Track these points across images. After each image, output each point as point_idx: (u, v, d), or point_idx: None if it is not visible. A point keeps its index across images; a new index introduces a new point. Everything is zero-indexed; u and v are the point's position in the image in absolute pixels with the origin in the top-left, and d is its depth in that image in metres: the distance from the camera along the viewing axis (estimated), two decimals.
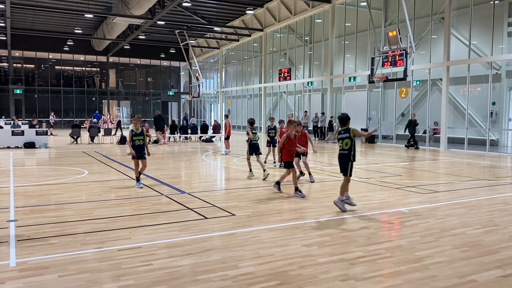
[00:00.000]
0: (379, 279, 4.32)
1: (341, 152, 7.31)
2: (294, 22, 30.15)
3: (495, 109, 19.45)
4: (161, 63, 49.32)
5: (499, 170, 13.19)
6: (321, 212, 7.23)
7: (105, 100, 47.00)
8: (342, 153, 7.32)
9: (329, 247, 5.31)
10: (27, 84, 42.40)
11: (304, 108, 29.36)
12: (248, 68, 37.75)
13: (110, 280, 4.27)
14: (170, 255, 4.98)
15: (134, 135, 9.51)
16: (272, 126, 13.59)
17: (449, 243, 5.51)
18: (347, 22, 25.82)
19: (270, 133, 13.47)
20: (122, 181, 10.68)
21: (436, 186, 9.99)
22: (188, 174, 11.98)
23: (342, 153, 7.31)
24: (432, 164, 14.77)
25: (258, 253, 5.07)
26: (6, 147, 19.88)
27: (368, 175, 11.67)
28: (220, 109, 42.57)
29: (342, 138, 7.23)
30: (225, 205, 7.68)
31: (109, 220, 6.61)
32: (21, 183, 10.23)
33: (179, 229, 6.09)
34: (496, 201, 8.27)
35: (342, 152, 7.30)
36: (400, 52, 18.06)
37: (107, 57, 45.81)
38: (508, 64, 19.49)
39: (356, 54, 25.27)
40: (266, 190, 9.29)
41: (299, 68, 31.10)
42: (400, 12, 21.29)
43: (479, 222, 6.60)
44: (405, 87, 22.04)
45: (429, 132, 21.47)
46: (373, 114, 24.94)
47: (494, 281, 4.28)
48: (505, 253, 5.11)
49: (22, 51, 42.34)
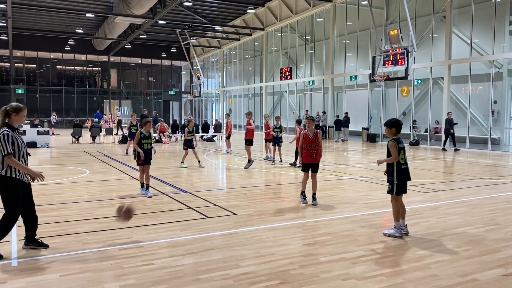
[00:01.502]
0: (380, 278, 4.31)
1: (405, 166, 5.79)
2: (295, 21, 30.12)
3: (497, 107, 19.41)
4: (162, 62, 49.33)
5: (501, 168, 13.16)
6: (322, 212, 7.23)
7: (107, 99, 47.03)
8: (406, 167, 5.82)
9: (330, 246, 5.30)
10: (29, 84, 42.45)
11: (305, 107, 29.34)
12: (249, 67, 37.74)
13: (112, 279, 4.28)
14: (171, 255, 4.99)
15: (143, 137, 8.73)
16: (277, 125, 13.66)
17: (451, 242, 5.51)
18: (348, 21, 25.79)
19: (276, 131, 13.59)
20: (123, 180, 10.69)
21: (438, 185, 9.97)
22: (189, 173, 11.98)
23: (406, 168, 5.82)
24: (433, 163, 14.74)
25: (259, 253, 5.07)
26: None
27: (370, 174, 11.66)
28: (221, 109, 42.58)
29: (403, 148, 5.78)
30: (226, 205, 7.69)
31: (110, 219, 6.61)
32: None
33: (181, 229, 6.09)
34: (498, 200, 8.26)
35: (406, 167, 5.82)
36: (402, 51, 18.04)
37: (108, 57, 45.84)
38: (510, 62, 19.45)
39: (357, 53, 25.24)
40: (267, 189, 9.29)
41: (300, 67, 31.09)
42: (401, 11, 21.26)
43: (480, 221, 6.59)
44: (407, 86, 22.01)
45: (430, 131, 21.44)
46: (374, 113, 24.91)
47: (496, 280, 4.27)
48: (507, 252, 5.10)
49: (23, 51, 42.39)
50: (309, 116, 8.10)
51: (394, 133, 5.78)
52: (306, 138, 7.77)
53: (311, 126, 7.85)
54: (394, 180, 5.68)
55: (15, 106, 4.95)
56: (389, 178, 5.74)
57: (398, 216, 5.74)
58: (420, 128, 22.99)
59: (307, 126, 7.92)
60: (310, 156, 7.72)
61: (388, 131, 5.83)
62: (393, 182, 5.69)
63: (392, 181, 5.69)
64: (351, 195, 8.68)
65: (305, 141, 7.78)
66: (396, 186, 5.67)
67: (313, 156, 7.71)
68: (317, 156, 7.76)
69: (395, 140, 5.69)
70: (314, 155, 7.72)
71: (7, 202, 4.90)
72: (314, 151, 7.71)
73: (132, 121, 16.90)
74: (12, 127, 4.91)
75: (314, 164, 7.80)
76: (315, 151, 7.72)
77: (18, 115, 4.94)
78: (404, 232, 5.73)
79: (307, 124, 7.95)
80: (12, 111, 4.91)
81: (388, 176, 5.75)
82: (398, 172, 5.67)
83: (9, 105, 4.96)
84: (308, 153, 7.74)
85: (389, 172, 5.74)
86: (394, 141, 5.67)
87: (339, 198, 8.38)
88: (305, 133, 7.79)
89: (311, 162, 7.77)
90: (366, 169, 12.64)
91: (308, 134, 7.77)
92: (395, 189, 5.68)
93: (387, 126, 5.82)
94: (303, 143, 7.78)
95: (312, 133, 7.77)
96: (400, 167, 5.67)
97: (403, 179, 5.70)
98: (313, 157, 7.72)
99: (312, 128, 7.84)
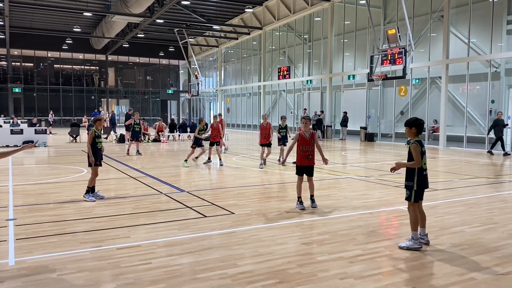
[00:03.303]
0: (378, 277, 4.32)
1: (426, 173, 5.37)
2: (293, 21, 30.12)
3: (494, 107, 19.45)
4: (160, 61, 49.26)
5: (498, 168, 13.19)
6: (320, 211, 7.23)
7: (104, 98, 46.94)
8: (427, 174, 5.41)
9: (328, 246, 5.31)
10: (26, 82, 42.33)
11: (303, 107, 29.36)
12: (247, 66, 37.72)
13: (109, 278, 4.27)
14: (169, 254, 4.98)
15: (97, 136, 8.13)
16: (283, 125, 13.60)
17: (448, 241, 5.52)
18: (346, 20, 25.80)
19: (281, 132, 13.51)
20: (121, 179, 10.67)
21: (435, 184, 9.99)
22: (187, 173, 11.97)
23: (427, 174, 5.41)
24: (431, 162, 14.77)
25: (257, 252, 5.06)
26: (5, 145, 19.85)
27: (367, 173, 11.67)
28: (219, 108, 42.56)
29: (425, 152, 5.34)
30: (224, 204, 7.68)
31: (108, 218, 6.60)
32: (20, 181, 10.22)
33: (178, 228, 6.09)
34: (495, 199, 8.28)
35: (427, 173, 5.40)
36: (399, 50, 18.05)
37: (106, 56, 45.75)
38: (507, 62, 19.50)
39: (355, 52, 25.26)
40: (265, 189, 9.29)
41: (298, 67, 31.09)
42: (399, 10, 21.26)
43: (478, 220, 6.60)
44: (404, 85, 22.04)
45: (428, 130, 21.47)
46: (372, 112, 24.93)
47: (493, 279, 4.28)
48: (504, 251, 5.11)
49: (21, 50, 42.27)
50: (306, 116, 7.74)
51: (415, 133, 5.27)
52: (302, 139, 7.36)
53: (307, 126, 7.44)
54: (414, 186, 5.21)
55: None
56: (408, 184, 5.28)
57: (416, 225, 5.27)
58: None
59: (303, 126, 7.48)
60: (306, 158, 7.35)
61: (408, 131, 5.34)
62: (412, 188, 5.22)
63: (412, 187, 5.23)
64: (349, 194, 8.68)
65: (301, 142, 7.37)
66: (415, 193, 5.22)
67: (309, 158, 7.35)
68: (312, 158, 7.40)
69: (418, 142, 5.20)
70: (310, 157, 7.36)
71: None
72: (310, 152, 7.35)
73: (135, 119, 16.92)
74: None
75: (309, 166, 7.40)
76: (310, 152, 7.36)
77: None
78: (425, 241, 5.32)
79: (303, 124, 7.51)
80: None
81: (407, 181, 5.29)
82: (419, 178, 5.21)
83: None
84: (303, 155, 7.35)
85: (409, 177, 5.27)
86: (418, 144, 5.17)
87: (337, 198, 8.39)
88: (301, 134, 7.37)
89: (306, 165, 7.38)
90: (364, 168, 12.65)
91: (304, 134, 7.36)
92: (413, 196, 5.22)
93: (407, 125, 5.34)
94: (298, 144, 7.39)
95: (308, 133, 7.38)
96: (422, 172, 5.22)
97: (423, 186, 5.26)
98: (308, 159, 7.35)
99: (308, 129, 7.45)
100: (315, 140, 7.41)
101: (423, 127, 5.35)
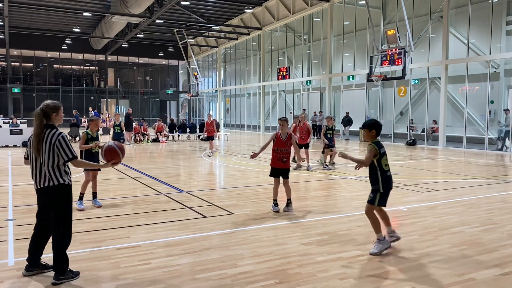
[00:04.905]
0: (377, 278, 4.32)
1: (390, 174, 5.23)
2: (293, 21, 30.13)
3: (494, 107, 19.47)
4: (160, 61, 49.24)
5: (498, 168, 13.20)
6: (319, 211, 7.23)
7: (104, 99, 46.91)
8: (391, 175, 5.26)
9: (328, 246, 5.31)
10: (25, 83, 42.29)
11: (302, 107, 29.37)
12: (246, 66, 37.72)
13: (109, 279, 4.27)
14: (168, 254, 4.98)
15: (90, 139, 7.48)
16: (330, 127, 12.79)
17: (448, 241, 5.52)
18: (346, 20, 25.81)
19: (328, 133, 12.73)
20: (120, 179, 10.66)
21: (435, 184, 10.00)
22: (187, 173, 11.97)
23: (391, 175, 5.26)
24: (430, 162, 14.78)
25: (257, 252, 5.07)
26: (4, 146, 19.84)
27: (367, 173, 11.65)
28: (218, 108, 42.57)
29: (385, 153, 5.21)
30: (224, 204, 7.68)
31: (107, 219, 6.60)
32: (19, 182, 10.21)
33: (178, 228, 6.09)
34: (495, 199, 8.28)
35: (391, 175, 5.25)
36: (399, 50, 18.07)
37: (106, 56, 45.72)
38: (507, 62, 19.52)
39: (355, 53, 25.27)
40: (264, 189, 9.29)
41: (297, 67, 31.10)
42: (398, 11, 21.29)
43: (477, 220, 6.61)
44: (404, 86, 22.05)
45: (427, 130, 21.49)
46: (372, 113, 24.94)
47: (492, 280, 4.28)
48: (503, 252, 5.12)
49: (20, 50, 42.23)
50: (283, 117, 7.45)
51: (374, 135, 5.13)
52: (278, 141, 7.09)
53: (284, 128, 7.17)
54: (379, 188, 5.07)
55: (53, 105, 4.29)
56: (374, 187, 5.12)
57: (378, 227, 5.09)
58: (417, 127, 23.04)
59: (280, 127, 7.22)
60: (280, 160, 7.07)
61: (367, 133, 5.17)
62: (378, 191, 5.08)
63: (377, 190, 5.08)
64: (349, 195, 8.69)
65: (276, 144, 7.11)
66: (380, 196, 5.06)
67: (283, 160, 7.08)
68: (287, 161, 7.14)
69: (376, 144, 5.09)
70: (285, 159, 7.08)
71: (66, 218, 4.25)
72: (284, 155, 7.08)
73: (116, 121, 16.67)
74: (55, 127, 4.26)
75: (283, 169, 7.11)
76: (285, 155, 7.09)
77: (58, 114, 4.31)
78: (395, 237, 5.21)
79: (280, 125, 7.23)
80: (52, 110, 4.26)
81: (373, 184, 5.13)
82: (383, 180, 5.07)
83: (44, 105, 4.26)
84: (277, 157, 7.07)
85: (374, 180, 5.13)
86: (374, 146, 5.06)
87: (337, 198, 8.39)
88: (277, 135, 7.12)
89: (280, 167, 7.09)
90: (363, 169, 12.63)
91: (280, 136, 7.10)
92: (377, 199, 5.07)
93: (366, 128, 5.16)
94: (274, 146, 7.14)
95: (284, 135, 7.11)
96: (385, 173, 5.10)
97: (388, 188, 5.12)
98: (283, 161, 7.07)
99: (286, 131, 7.17)
100: (292, 143, 7.16)
101: (381, 129, 5.24)
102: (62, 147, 4.13)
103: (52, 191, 4.17)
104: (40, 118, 4.14)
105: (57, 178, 4.16)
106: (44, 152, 4.11)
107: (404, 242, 5.48)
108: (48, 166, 4.14)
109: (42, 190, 4.21)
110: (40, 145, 4.10)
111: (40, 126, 4.13)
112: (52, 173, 4.15)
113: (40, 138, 4.11)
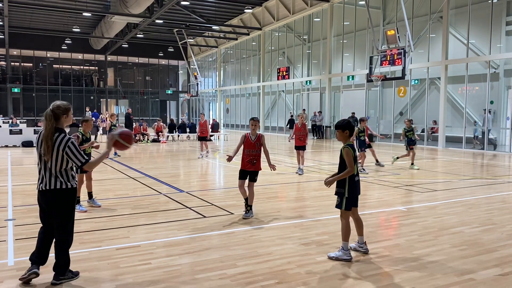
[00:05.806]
0: (377, 278, 4.32)
1: (358, 178, 5.06)
2: (293, 21, 30.13)
3: (493, 108, 19.48)
4: (160, 61, 49.24)
5: (497, 168, 13.21)
6: (319, 211, 7.23)
7: (104, 99, 46.90)
8: (359, 179, 5.11)
9: (327, 246, 5.31)
10: (25, 83, 42.29)
11: (302, 107, 29.37)
12: (246, 67, 37.73)
13: (109, 279, 4.27)
14: (168, 254, 4.98)
15: (85, 140, 7.34)
16: (361, 128, 12.23)
17: (448, 241, 5.52)
18: (345, 21, 25.82)
19: (361, 136, 12.18)
20: (120, 180, 10.66)
21: (434, 184, 10.00)
22: (186, 173, 11.97)
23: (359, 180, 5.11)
24: (430, 162, 14.78)
25: (256, 252, 5.06)
26: (4, 146, 19.84)
27: (367, 173, 11.66)
28: (218, 108, 42.57)
29: (356, 156, 5.00)
30: (223, 204, 7.68)
31: (107, 219, 6.60)
32: (19, 182, 10.21)
33: (178, 228, 6.09)
34: (494, 199, 8.28)
35: (359, 179, 5.10)
36: (399, 51, 18.07)
37: (105, 56, 45.71)
38: (506, 63, 19.53)
39: (355, 53, 25.27)
40: (264, 189, 9.29)
41: (297, 67, 31.10)
42: (398, 11, 21.30)
43: (477, 220, 6.61)
44: (404, 86, 22.05)
45: (427, 131, 21.49)
46: (372, 113, 24.95)
47: (492, 280, 4.29)
48: (503, 252, 5.12)
49: (20, 50, 42.23)
50: (254, 117, 7.06)
51: (347, 136, 4.93)
52: (247, 142, 6.78)
53: (255, 128, 6.86)
54: (345, 193, 4.88)
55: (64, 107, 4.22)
56: (339, 190, 4.93)
57: (347, 235, 4.88)
58: (417, 128, 23.03)
59: (251, 127, 6.89)
60: (250, 162, 6.74)
61: (340, 134, 4.95)
62: (343, 195, 4.89)
63: (343, 194, 4.89)
64: None
65: (245, 145, 6.79)
66: (346, 200, 4.89)
67: (253, 162, 6.75)
68: (257, 163, 6.81)
69: (351, 147, 4.87)
70: (255, 161, 6.76)
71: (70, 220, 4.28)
72: (254, 157, 6.75)
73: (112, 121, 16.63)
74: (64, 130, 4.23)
75: (252, 172, 6.79)
76: (255, 157, 6.76)
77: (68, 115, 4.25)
78: (363, 250, 5.02)
79: (251, 125, 6.89)
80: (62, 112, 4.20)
81: (338, 187, 4.94)
82: (350, 185, 4.88)
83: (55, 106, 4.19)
84: (247, 159, 6.75)
85: (340, 184, 4.92)
86: (350, 148, 4.85)
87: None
88: (246, 136, 6.82)
89: (249, 169, 6.78)
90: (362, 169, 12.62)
91: (250, 137, 6.80)
92: (344, 203, 4.89)
93: (339, 128, 4.93)
94: (244, 147, 6.81)
95: (254, 136, 6.81)
96: (353, 178, 4.89)
97: (354, 193, 4.95)
98: (252, 163, 6.75)
99: (256, 132, 6.87)
100: (262, 144, 6.86)
101: (354, 130, 5.10)
102: (73, 153, 4.13)
103: (59, 194, 4.20)
104: (52, 120, 4.12)
105: (65, 181, 4.20)
106: (53, 156, 4.13)
107: (404, 242, 5.49)
108: (56, 170, 4.18)
109: (48, 192, 4.23)
110: (51, 149, 4.10)
111: (51, 128, 4.11)
112: (60, 176, 4.19)
113: (51, 141, 4.10)
